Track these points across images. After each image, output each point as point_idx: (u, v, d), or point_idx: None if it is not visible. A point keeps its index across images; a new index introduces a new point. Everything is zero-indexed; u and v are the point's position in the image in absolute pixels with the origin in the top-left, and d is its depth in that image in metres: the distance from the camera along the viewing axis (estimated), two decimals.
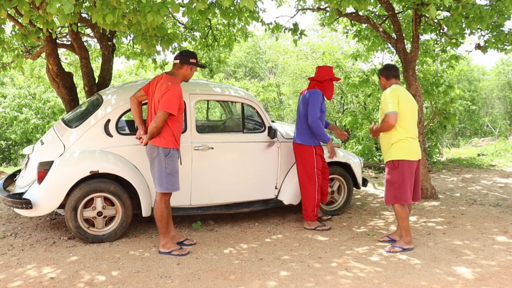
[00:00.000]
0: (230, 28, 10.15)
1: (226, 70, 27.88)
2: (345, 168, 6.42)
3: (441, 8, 7.24)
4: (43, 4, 5.04)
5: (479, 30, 7.32)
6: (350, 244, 5.23)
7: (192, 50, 11.15)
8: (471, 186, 8.51)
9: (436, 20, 7.74)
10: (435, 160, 11.64)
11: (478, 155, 13.76)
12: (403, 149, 4.87)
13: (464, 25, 6.90)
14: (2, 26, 5.83)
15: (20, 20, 6.62)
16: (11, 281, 4.19)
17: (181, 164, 5.11)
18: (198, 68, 11.36)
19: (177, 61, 4.89)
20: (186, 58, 4.88)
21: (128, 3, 4.53)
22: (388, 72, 5.16)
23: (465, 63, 21.07)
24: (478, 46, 7.51)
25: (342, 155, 6.38)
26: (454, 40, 7.73)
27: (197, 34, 10.14)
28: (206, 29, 9.84)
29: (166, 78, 4.82)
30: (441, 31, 8.02)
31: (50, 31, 6.36)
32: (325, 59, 14.38)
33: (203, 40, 9.98)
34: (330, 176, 6.28)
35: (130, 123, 6.50)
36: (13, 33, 7.30)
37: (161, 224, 4.87)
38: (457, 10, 6.03)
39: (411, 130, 4.93)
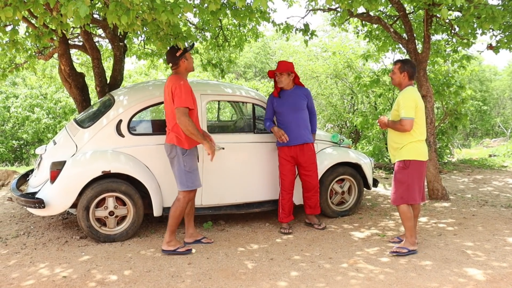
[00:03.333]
0: (240, 28, 10.17)
1: (236, 71, 27.90)
2: (356, 168, 6.42)
3: (453, 8, 7.21)
4: (57, 5, 5.08)
5: (491, 30, 7.28)
6: (360, 245, 5.23)
7: (202, 50, 11.19)
8: (482, 187, 8.47)
9: (447, 21, 7.71)
10: (446, 160, 11.59)
11: (490, 155, 13.68)
12: (414, 149, 4.83)
13: (475, 25, 6.87)
14: (16, 27, 5.89)
15: (33, 22, 6.68)
16: (24, 280, 4.24)
17: (198, 161, 5.16)
18: (209, 69, 11.43)
19: (170, 65, 4.96)
20: (172, 57, 4.91)
21: (141, 4, 4.56)
22: (413, 72, 4.94)
23: (476, 63, 20.94)
24: (490, 46, 7.47)
25: (353, 155, 6.37)
26: (465, 41, 7.69)
27: (208, 34, 10.16)
28: (217, 29, 9.86)
29: (170, 78, 4.88)
30: (453, 31, 7.98)
31: (64, 32, 6.41)
32: (335, 59, 14.35)
33: (214, 40, 10.00)
34: (341, 177, 6.28)
35: (142, 124, 6.54)
36: (27, 34, 7.36)
37: (175, 222, 4.90)
38: (469, 10, 6.00)
39: (422, 133, 4.89)
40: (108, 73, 8.40)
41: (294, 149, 5.67)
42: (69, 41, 8.44)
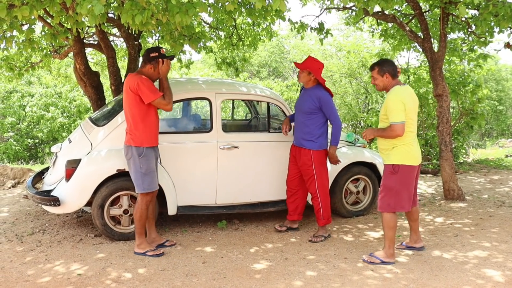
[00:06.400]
0: (254, 27, 10.16)
1: (250, 70, 27.91)
2: (371, 168, 6.37)
3: (469, 7, 7.12)
4: (73, 4, 5.11)
5: (508, 28, 7.18)
6: (376, 245, 5.19)
7: (216, 49, 11.17)
8: (499, 188, 8.37)
9: (464, 19, 7.62)
10: (462, 161, 11.47)
11: (506, 156, 13.52)
12: (405, 153, 4.48)
13: (493, 24, 6.77)
14: (32, 27, 5.92)
15: (49, 21, 6.72)
16: (40, 277, 4.26)
17: (160, 163, 5.08)
18: (223, 68, 11.41)
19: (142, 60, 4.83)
20: (146, 55, 4.76)
21: (157, 3, 4.56)
22: (394, 70, 4.56)
23: (493, 62, 20.73)
24: (507, 45, 7.37)
25: (368, 155, 6.33)
26: (482, 39, 7.59)
27: (222, 33, 10.16)
28: (231, 28, 9.85)
29: (128, 76, 4.76)
30: (469, 30, 7.89)
31: (80, 31, 6.44)
32: (350, 58, 14.29)
33: (228, 39, 10.00)
34: (356, 176, 6.24)
35: None
36: (43, 33, 7.41)
37: (139, 225, 4.82)
38: (487, 8, 5.92)
39: (413, 133, 4.56)
40: (123, 72, 8.44)
41: (295, 148, 5.53)
42: (84, 40, 8.49)
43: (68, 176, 5.13)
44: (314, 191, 5.42)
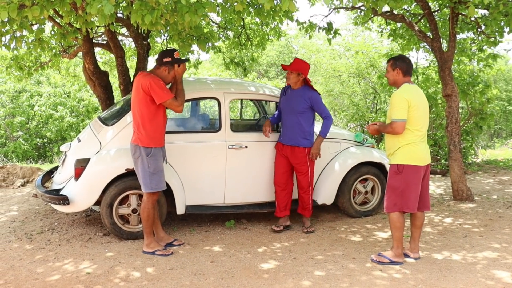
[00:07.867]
0: (263, 27, 10.15)
1: (258, 70, 27.90)
2: (379, 168, 6.35)
3: (479, 6, 7.08)
4: (83, 4, 5.14)
5: None
6: (384, 245, 5.17)
7: (224, 49, 11.16)
8: (508, 189, 8.31)
9: (473, 19, 7.58)
10: (471, 161, 11.40)
11: None
12: (410, 153, 4.46)
13: (502, 23, 6.72)
14: (42, 26, 5.95)
15: (58, 21, 6.76)
16: (49, 275, 4.29)
17: (166, 163, 5.06)
18: (232, 67, 11.42)
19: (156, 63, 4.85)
20: (160, 58, 4.79)
21: (166, 3, 4.57)
22: (408, 67, 4.58)
23: (502, 62, 20.62)
24: None
25: (377, 155, 6.31)
26: (492, 39, 7.55)
27: (230, 33, 10.17)
28: (239, 28, 9.86)
29: (140, 75, 4.80)
30: (479, 29, 7.84)
31: (89, 30, 6.46)
32: (358, 58, 14.26)
33: (236, 39, 10.00)
34: (364, 176, 6.22)
35: None
36: (52, 33, 7.45)
37: (147, 224, 4.84)
38: (497, 8, 5.88)
39: (420, 133, 4.52)
40: (132, 72, 8.45)
41: (286, 148, 5.61)
42: (93, 40, 8.52)
43: (77, 175, 5.15)
44: (307, 186, 5.64)
